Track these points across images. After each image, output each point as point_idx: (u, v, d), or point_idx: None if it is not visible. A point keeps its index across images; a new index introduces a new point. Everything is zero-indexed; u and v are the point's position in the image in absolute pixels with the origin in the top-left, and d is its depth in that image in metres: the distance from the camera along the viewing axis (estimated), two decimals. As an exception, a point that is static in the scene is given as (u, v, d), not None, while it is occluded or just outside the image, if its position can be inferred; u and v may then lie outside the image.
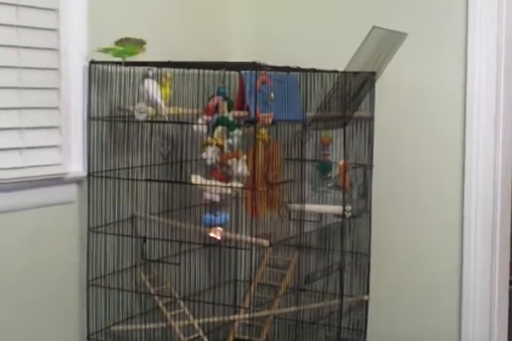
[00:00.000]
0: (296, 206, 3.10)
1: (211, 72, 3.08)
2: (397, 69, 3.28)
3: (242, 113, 3.00)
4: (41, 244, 2.80)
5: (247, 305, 3.35)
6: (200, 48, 2.93)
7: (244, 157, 2.86)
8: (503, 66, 3.27)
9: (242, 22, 3.69)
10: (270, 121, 2.84)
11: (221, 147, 2.82)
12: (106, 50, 2.84)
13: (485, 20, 3.26)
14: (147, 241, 2.96)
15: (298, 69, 3.00)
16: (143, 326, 3.05)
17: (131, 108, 2.88)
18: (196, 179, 2.83)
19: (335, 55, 3.22)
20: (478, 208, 3.33)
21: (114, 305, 2.99)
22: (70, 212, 2.90)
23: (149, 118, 2.84)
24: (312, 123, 3.06)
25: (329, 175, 3.32)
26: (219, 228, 2.83)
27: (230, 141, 2.82)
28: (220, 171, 2.84)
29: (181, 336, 2.98)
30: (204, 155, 2.84)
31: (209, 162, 2.83)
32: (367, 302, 3.45)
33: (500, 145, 3.31)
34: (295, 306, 3.22)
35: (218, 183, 2.81)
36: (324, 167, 3.33)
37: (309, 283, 3.28)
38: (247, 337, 3.39)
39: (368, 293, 3.44)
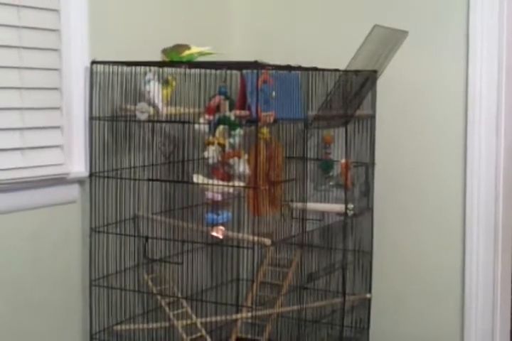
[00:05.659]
0: (299, 204, 3.10)
1: (212, 71, 3.08)
2: (399, 67, 3.28)
3: (243, 112, 3.00)
4: (43, 244, 2.80)
5: (249, 304, 3.35)
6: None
7: (246, 156, 2.86)
8: (505, 65, 3.27)
9: (243, 21, 3.69)
10: (272, 120, 2.84)
11: (223, 146, 2.82)
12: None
13: (486, 18, 3.25)
14: (149, 240, 2.97)
15: (299, 68, 3.00)
16: (145, 325, 3.06)
17: (132, 108, 2.88)
18: (198, 178, 2.83)
19: (336, 53, 3.23)
20: (480, 205, 3.33)
21: (117, 304, 2.99)
22: (72, 212, 2.90)
23: (151, 118, 2.85)
24: (314, 122, 3.06)
25: (331, 173, 3.32)
26: (221, 227, 2.83)
27: (231, 140, 2.82)
28: (222, 170, 2.84)
29: (184, 335, 2.99)
30: (206, 154, 2.83)
31: (211, 161, 2.83)
32: (369, 300, 3.46)
33: (502, 143, 3.31)
34: (297, 305, 3.21)
35: (220, 182, 2.81)
36: (326, 165, 3.33)
37: (312, 282, 3.28)
38: (249, 336, 3.39)
39: (370, 291, 3.45)
